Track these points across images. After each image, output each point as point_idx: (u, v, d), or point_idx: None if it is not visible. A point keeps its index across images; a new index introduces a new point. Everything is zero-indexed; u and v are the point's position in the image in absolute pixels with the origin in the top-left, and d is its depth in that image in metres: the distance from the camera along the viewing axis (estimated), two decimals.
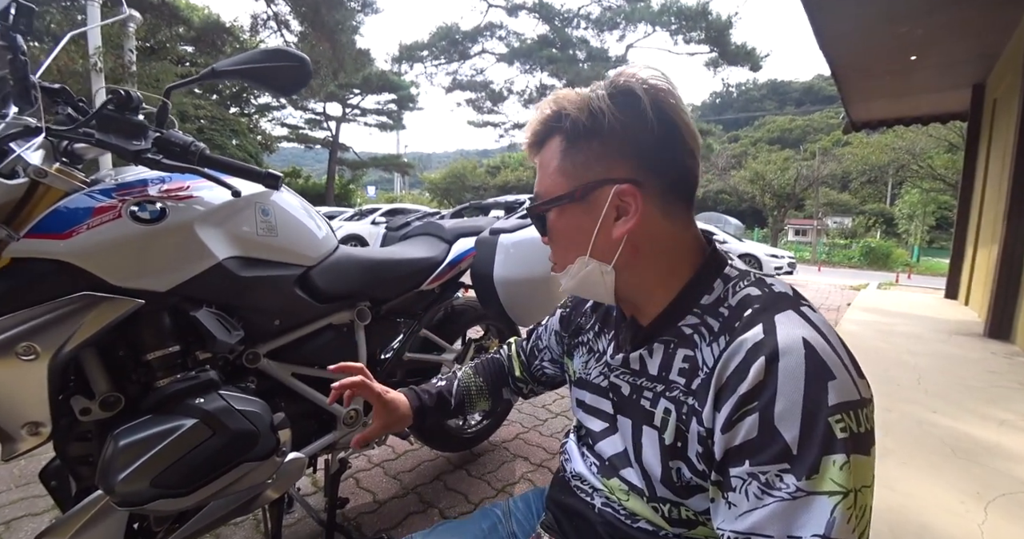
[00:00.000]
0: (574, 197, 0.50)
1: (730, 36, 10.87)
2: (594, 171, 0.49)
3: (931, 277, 14.05)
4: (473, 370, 0.82)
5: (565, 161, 0.51)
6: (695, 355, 0.48)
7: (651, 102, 0.47)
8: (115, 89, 0.73)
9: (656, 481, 0.50)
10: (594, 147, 0.49)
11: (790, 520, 0.38)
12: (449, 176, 30.71)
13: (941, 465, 1.62)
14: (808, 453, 0.38)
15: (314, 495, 1.52)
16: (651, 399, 0.51)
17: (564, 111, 0.50)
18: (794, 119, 56.32)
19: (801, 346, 0.41)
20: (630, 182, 0.48)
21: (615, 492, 0.55)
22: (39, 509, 1.37)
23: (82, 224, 0.70)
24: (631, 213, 0.49)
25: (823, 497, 0.37)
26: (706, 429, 0.45)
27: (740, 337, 0.43)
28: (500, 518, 0.71)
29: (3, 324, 0.64)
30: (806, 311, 0.45)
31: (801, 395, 0.39)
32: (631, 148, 0.49)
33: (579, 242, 0.52)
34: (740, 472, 0.41)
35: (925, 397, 2.30)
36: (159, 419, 0.73)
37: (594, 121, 0.48)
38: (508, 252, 1.36)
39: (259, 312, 0.96)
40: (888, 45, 4.61)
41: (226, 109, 14.80)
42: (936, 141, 19.33)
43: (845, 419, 0.39)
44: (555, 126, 0.51)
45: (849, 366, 0.42)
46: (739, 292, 0.48)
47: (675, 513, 0.50)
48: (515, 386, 0.82)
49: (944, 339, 3.64)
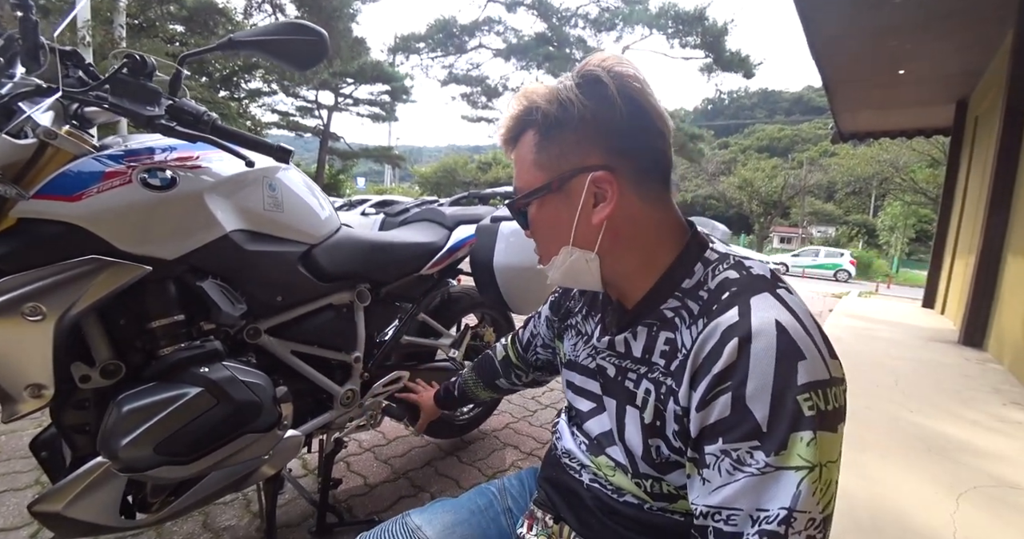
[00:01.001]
0: (551, 188, 0.52)
1: (725, 42, 11.00)
2: (569, 161, 0.50)
3: (909, 288, 14.47)
4: (471, 368, 0.98)
5: (540, 154, 0.52)
6: (675, 337, 0.49)
7: (617, 88, 0.48)
8: (131, 52, 0.72)
9: (638, 458, 0.52)
10: (567, 137, 0.50)
11: (759, 494, 0.40)
12: (440, 170, 30.58)
13: (917, 460, 1.69)
14: (777, 430, 0.39)
15: (304, 477, 1.51)
16: (634, 380, 0.53)
17: (534, 104, 0.51)
18: (783, 128, 57.23)
19: (773, 328, 0.42)
20: (604, 168, 0.49)
21: (602, 468, 0.57)
22: (21, 485, 1.35)
23: (91, 187, 0.70)
24: (608, 198, 0.50)
25: (790, 472, 0.39)
26: (682, 408, 0.46)
27: (716, 319, 0.44)
28: (495, 495, 0.73)
29: (10, 283, 0.63)
30: (782, 294, 0.46)
31: (771, 375, 0.40)
32: (602, 135, 0.49)
33: (561, 232, 0.53)
34: (714, 449, 0.42)
35: (903, 397, 2.37)
36: (164, 386, 0.73)
37: (564, 112, 0.49)
38: (509, 240, 1.37)
39: (262, 287, 0.96)
40: (878, 58, 4.72)
41: (216, 92, 14.50)
42: (919, 155, 19.85)
43: (813, 397, 0.40)
44: (527, 119, 0.52)
45: (821, 347, 0.43)
46: (718, 275, 0.49)
47: (656, 488, 0.52)
48: (512, 376, 0.88)
49: (921, 345, 3.76)
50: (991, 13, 3.70)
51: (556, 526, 0.61)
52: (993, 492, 1.49)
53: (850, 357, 3.19)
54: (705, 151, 13.17)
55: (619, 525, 0.55)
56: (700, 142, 12.00)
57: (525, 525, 0.65)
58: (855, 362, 3.06)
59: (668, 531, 0.53)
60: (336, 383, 1.15)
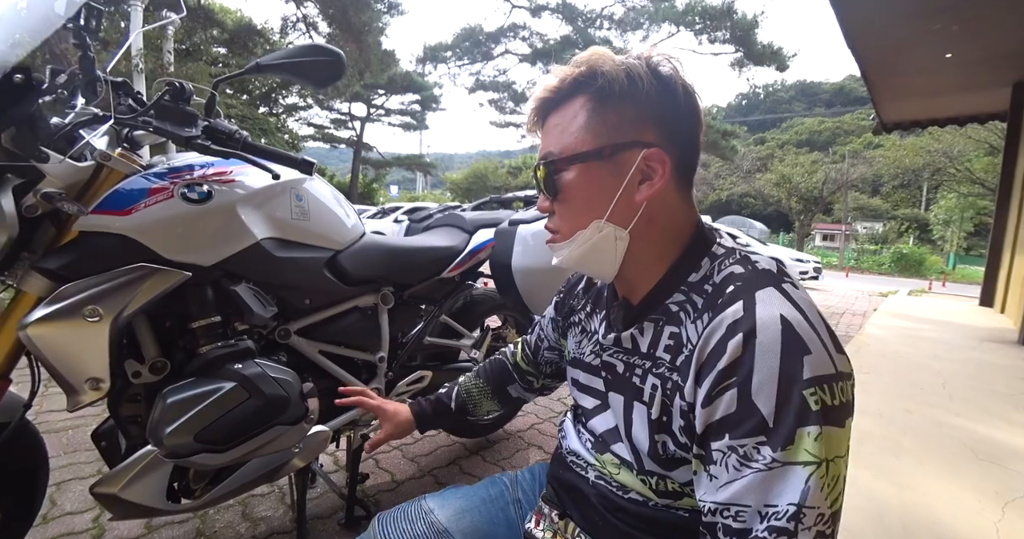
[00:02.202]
0: (602, 155, 0.50)
1: (756, 35, 10.66)
2: (624, 132, 0.50)
3: (967, 285, 13.52)
4: (475, 373, 0.84)
5: (594, 119, 0.50)
6: (680, 332, 0.49)
7: (680, 80, 0.50)
8: (171, 81, 0.80)
9: (644, 455, 0.52)
10: (627, 109, 0.49)
11: (767, 490, 0.39)
12: (471, 176, 30.92)
13: (960, 466, 1.60)
14: (783, 425, 0.39)
15: (335, 473, 1.59)
16: (640, 376, 0.53)
17: (598, 70, 0.50)
18: (823, 121, 54.75)
19: (778, 322, 0.42)
20: (660, 147, 0.49)
21: (607, 466, 0.57)
22: (85, 474, 1.48)
23: (140, 202, 0.78)
24: (656, 178, 0.50)
25: (798, 467, 0.39)
26: (688, 404, 0.46)
27: (721, 314, 0.44)
28: (506, 486, 0.75)
29: (73, 289, 0.72)
30: (787, 288, 0.46)
31: (777, 369, 0.40)
32: (662, 116, 0.50)
33: (598, 203, 0.51)
34: (720, 445, 0.42)
35: (948, 401, 2.25)
36: (202, 381, 0.80)
37: (631, 84, 0.49)
38: (527, 242, 1.40)
39: (291, 290, 1.03)
40: (921, 42, 4.47)
41: (256, 108, 15.28)
42: (976, 143, 18.56)
43: (819, 392, 0.40)
44: (585, 83, 0.51)
45: (827, 341, 0.42)
46: (724, 270, 0.49)
47: (662, 485, 0.52)
48: (524, 382, 0.83)
49: (974, 346, 3.53)
50: None
51: (562, 522, 0.63)
52: None
53: (890, 358, 3.04)
54: (739, 148, 12.76)
55: (623, 522, 0.55)
56: (733, 139, 11.66)
57: (533, 520, 0.66)
58: (896, 363, 2.92)
59: (672, 527, 0.53)
60: (362, 381, 1.22)
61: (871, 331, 3.99)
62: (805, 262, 10.68)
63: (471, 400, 0.82)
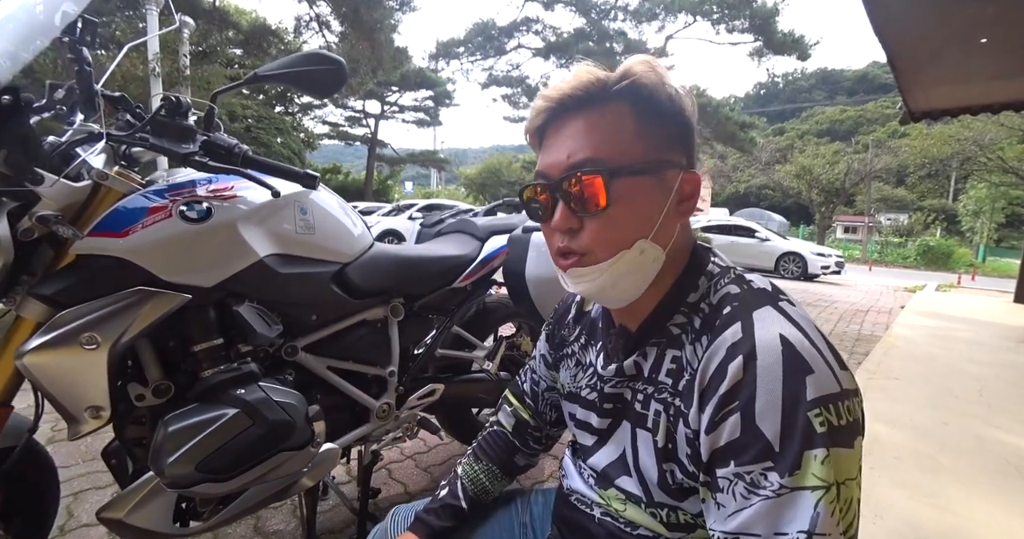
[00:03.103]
0: (655, 170, 0.47)
1: (776, 24, 10.31)
2: (667, 150, 0.48)
3: (999, 279, 13.01)
4: (473, 458, 0.72)
5: (642, 130, 0.47)
6: (681, 355, 0.49)
7: (693, 107, 0.49)
8: (167, 96, 0.77)
9: (653, 485, 0.50)
10: (665, 127, 0.48)
11: (776, 518, 0.38)
12: (485, 171, 30.85)
13: (1003, 486, 1.50)
14: (789, 449, 0.38)
15: (348, 484, 1.57)
16: (643, 401, 0.52)
17: (641, 83, 0.46)
18: (845, 110, 53.25)
19: (778, 343, 0.41)
20: (693, 171, 0.49)
21: (612, 502, 0.55)
22: (103, 483, 1.49)
23: (138, 223, 0.75)
24: (691, 202, 0.49)
25: (806, 492, 0.38)
26: (693, 431, 0.46)
27: (720, 336, 0.44)
28: (517, 507, 0.73)
29: (69, 316, 0.69)
30: (784, 306, 0.45)
31: (780, 392, 0.39)
32: (688, 141, 0.50)
33: (647, 221, 0.47)
34: (726, 473, 0.41)
35: (987, 411, 2.13)
36: (204, 408, 0.78)
37: (671, 104, 0.48)
38: (540, 250, 1.35)
39: (297, 307, 1.00)
40: (953, 27, 4.26)
41: (271, 108, 15.47)
42: (1008, 131, 17.78)
43: (824, 413, 0.39)
44: (627, 90, 0.47)
45: (829, 358, 0.41)
46: (720, 289, 0.49)
47: (673, 517, 0.50)
48: (528, 446, 0.73)
49: (1012, 347, 3.37)
50: None
51: None
52: None
53: (921, 362, 2.91)
54: (757, 139, 12.41)
55: None
56: (752, 130, 11.34)
57: None
58: (927, 368, 2.79)
59: None
60: (372, 397, 1.19)
61: (899, 331, 3.85)
62: (827, 256, 10.39)
63: (482, 490, 0.70)
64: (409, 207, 12.31)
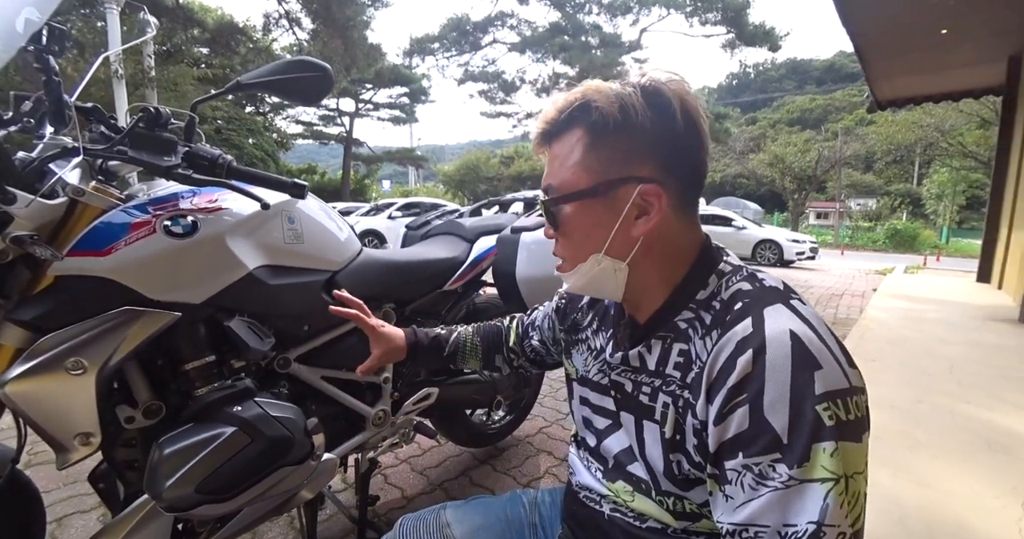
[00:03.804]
0: (596, 192, 0.50)
1: (748, 16, 10.52)
2: (619, 168, 0.49)
3: (962, 259, 13.59)
4: (474, 330, 0.84)
5: (588, 155, 0.50)
6: (689, 349, 0.49)
7: (680, 104, 0.48)
8: (145, 106, 0.74)
9: (660, 474, 0.51)
10: (621, 143, 0.49)
11: (785, 509, 0.39)
12: (463, 168, 30.64)
13: (976, 459, 1.58)
14: (798, 442, 0.39)
15: (344, 492, 1.56)
16: (650, 394, 0.53)
17: (592, 103, 0.48)
18: (815, 99, 54.51)
19: (788, 338, 0.42)
20: (655, 182, 0.48)
21: (621, 494, 0.56)
22: (87, 507, 1.44)
23: (120, 240, 0.73)
24: (652, 213, 0.49)
25: (815, 484, 0.38)
26: (700, 422, 0.46)
27: (730, 331, 0.45)
28: (525, 507, 0.73)
29: (52, 340, 0.67)
30: (795, 304, 0.46)
31: (788, 385, 0.40)
32: (658, 147, 0.49)
33: (596, 239, 0.51)
34: (735, 465, 0.42)
35: (958, 388, 2.23)
36: (200, 427, 0.76)
37: (625, 116, 0.47)
38: (530, 250, 1.35)
39: (289, 318, 0.98)
40: (917, 18, 4.40)
41: (242, 109, 15.01)
42: (967, 117, 18.51)
43: (832, 407, 0.39)
44: (579, 117, 0.50)
45: (838, 355, 0.42)
46: (731, 287, 0.49)
47: (679, 506, 0.51)
48: (508, 356, 0.83)
49: (977, 326, 3.53)
50: None
51: None
52: None
53: (897, 344, 3.03)
54: (732, 130, 12.67)
55: None
56: (726, 121, 11.55)
57: None
58: (902, 349, 2.91)
59: None
60: (367, 404, 1.17)
61: (873, 314, 3.99)
62: (801, 242, 10.67)
63: (462, 353, 0.81)
64: (388, 206, 12.14)
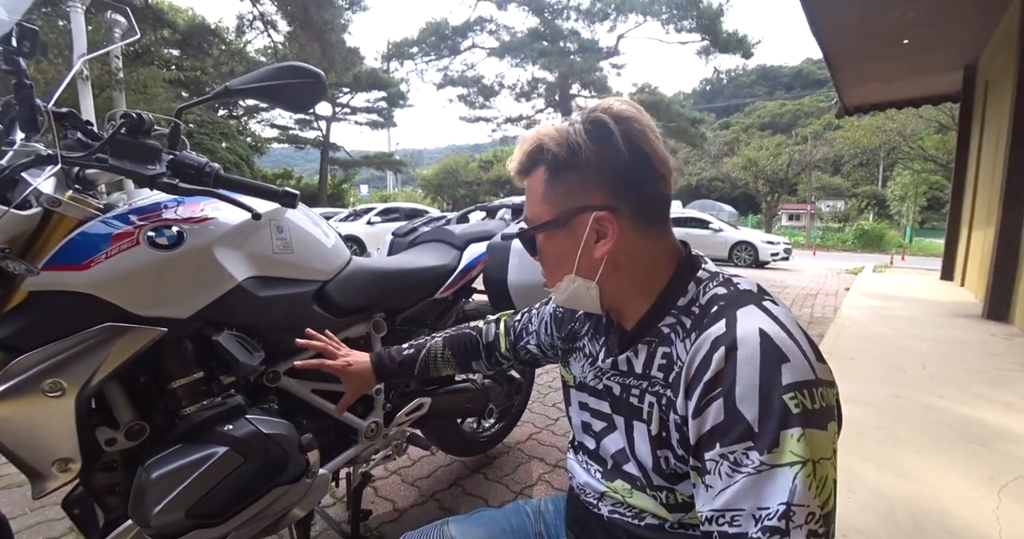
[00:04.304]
0: (557, 224, 0.55)
1: (722, 24, 10.82)
2: (574, 199, 0.54)
3: (925, 258, 14.18)
4: (444, 342, 0.86)
5: (548, 190, 0.56)
6: (671, 351, 0.53)
7: (621, 132, 0.51)
8: (127, 112, 0.71)
9: (650, 471, 0.55)
10: (573, 178, 0.54)
11: (758, 493, 0.41)
12: (442, 172, 30.47)
13: (953, 451, 1.64)
14: (767, 429, 0.42)
15: (334, 506, 1.51)
16: (638, 396, 0.56)
17: (545, 146, 0.54)
18: (784, 104, 56.28)
19: (757, 335, 0.45)
20: (606, 208, 0.53)
21: (619, 492, 0.59)
22: (56, 533, 1.36)
23: (100, 253, 0.69)
24: (609, 236, 0.53)
25: (785, 468, 0.41)
26: (681, 418, 0.49)
27: (707, 331, 0.48)
28: (530, 517, 0.75)
29: (28, 361, 0.62)
30: (767, 305, 0.49)
31: (758, 378, 0.43)
32: (606, 177, 0.53)
33: (565, 262, 0.57)
34: (713, 455, 0.44)
35: (931, 383, 2.32)
36: (190, 448, 0.72)
37: (572, 155, 0.52)
38: (521, 257, 1.35)
39: (278, 331, 0.95)
40: (881, 29, 4.60)
41: (215, 112, 14.60)
42: (926, 122, 19.40)
43: (799, 396, 0.42)
44: (537, 158, 0.56)
45: (806, 350, 0.45)
46: (708, 292, 0.53)
47: (671, 498, 0.54)
48: (491, 361, 0.85)
49: (944, 322, 3.68)
50: None
51: None
52: None
53: (871, 341, 3.13)
54: (707, 134, 12.99)
55: None
56: (701, 126, 11.84)
57: None
58: (877, 346, 3.00)
59: None
60: (359, 417, 1.14)
61: (847, 313, 4.11)
62: (776, 244, 10.97)
63: (434, 366, 0.85)
64: (367, 212, 11.97)
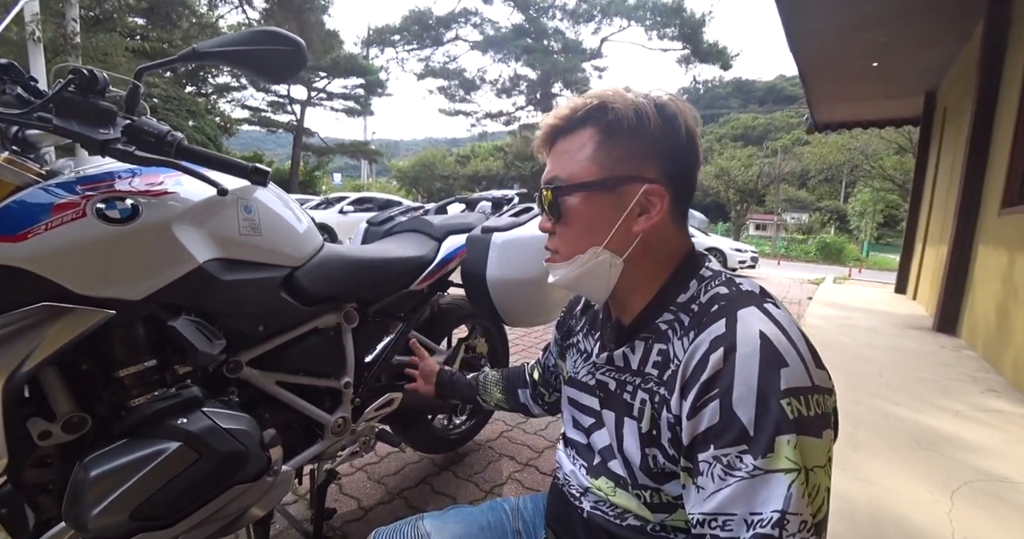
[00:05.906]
0: (605, 185, 0.53)
1: (703, 34, 11.07)
2: (629, 166, 0.52)
3: (879, 272, 14.95)
4: (500, 372, 0.95)
5: (600, 151, 0.53)
6: (668, 349, 0.52)
7: (685, 120, 0.53)
8: (77, 68, 0.63)
9: (636, 469, 0.53)
10: (634, 144, 0.52)
11: (751, 498, 0.41)
12: (418, 164, 30.01)
13: (909, 456, 1.71)
14: (763, 434, 0.41)
15: (295, 504, 1.44)
16: (631, 392, 0.55)
17: (611, 105, 0.52)
18: (757, 117, 58.22)
19: (757, 338, 0.44)
20: (660, 183, 0.52)
21: (602, 489, 0.58)
22: None
23: (39, 224, 0.61)
24: (654, 212, 0.52)
25: (779, 474, 0.40)
26: (674, 416, 0.48)
27: (706, 331, 0.47)
28: (507, 514, 0.74)
29: None
30: (769, 308, 0.48)
31: (756, 381, 0.42)
32: (664, 155, 0.53)
33: (598, 231, 0.54)
34: (706, 456, 0.44)
35: (888, 390, 2.42)
36: (137, 443, 0.65)
37: (639, 121, 0.51)
38: (501, 251, 1.31)
39: (242, 318, 0.88)
40: (854, 51, 4.78)
41: (182, 88, 13.88)
42: (887, 143, 20.41)
43: (795, 402, 0.42)
44: (594, 116, 0.53)
45: (805, 356, 0.45)
46: (710, 290, 0.52)
47: (655, 498, 0.53)
48: (535, 393, 0.88)
49: (898, 333, 3.86)
50: (960, 8, 3.77)
51: None
52: (985, 487, 1.51)
53: (833, 349, 3.25)
54: None
55: None
56: None
57: None
58: (838, 354, 3.12)
59: None
60: (326, 411, 1.09)
61: (812, 321, 4.26)
62: (743, 251, 11.30)
63: (483, 389, 0.93)
64: (340, 200, 11.67)
